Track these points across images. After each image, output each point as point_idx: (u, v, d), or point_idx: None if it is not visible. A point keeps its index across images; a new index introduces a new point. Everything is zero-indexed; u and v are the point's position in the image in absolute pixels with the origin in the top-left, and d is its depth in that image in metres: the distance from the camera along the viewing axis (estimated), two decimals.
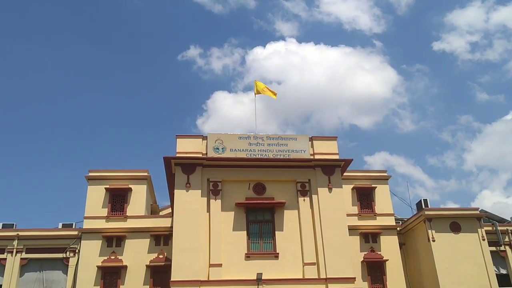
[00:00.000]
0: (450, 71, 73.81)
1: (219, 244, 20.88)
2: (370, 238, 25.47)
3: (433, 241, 24.39)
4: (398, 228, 26.72)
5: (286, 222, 21.97)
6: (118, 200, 25.25)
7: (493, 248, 25.64)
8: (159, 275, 23.47)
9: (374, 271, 24.70)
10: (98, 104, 67.26)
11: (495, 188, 69.79)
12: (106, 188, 25.16)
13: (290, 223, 21.94)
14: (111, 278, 23.42)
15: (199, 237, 20.77)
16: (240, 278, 20.21)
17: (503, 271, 25.87)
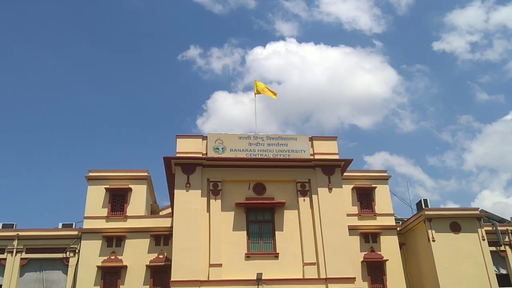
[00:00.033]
0: (450, 71, 73.93)
1: (219, 244, 20.88)
2: (370, 238, 25.46)
3: (433, 241, 24.39)
4: (398, 228, 26.72)
5: (286, 222, 21.97)
6: (118, 200, 25.24)
7: (493, 248, 25.64)
8: (159, 275, 23.47)
9: (374, 271, 24.70)
10: (98, 104, 67.38)
11: (495, 188, 69.88)
12: (106, 188, 25.16)
13: (290, 223, 21.93)
14: (111, 278, 23.42)
15: (199, 237, 20.76)
16: (240, 278, 20.20)
17: (503, 271, 25.87)
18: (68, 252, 24.46)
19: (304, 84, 67.22)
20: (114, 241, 24.16)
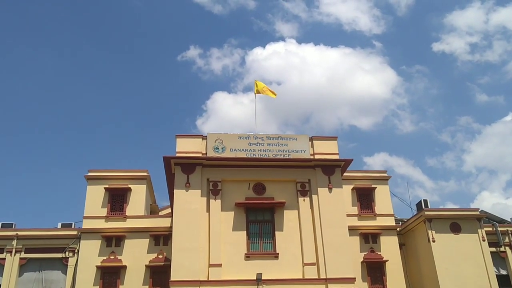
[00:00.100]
0: (450, 72, 73.92)
1: (219, 244, 20.83)
2: (370, 239, 25.42)
3: (433, 241, 24.35)
4: (398, 229, 26.67)
5: (286, 222, 21.92)
6: (117, 200, 25.18)
7: (493, 248, 25.62)
8: (159, 275, 23.39)
9: (374, 271, 24.66)
10: (98, 104, 67.29)
11: (494, 189, 69.90)
12: (105, 188, 25.10)
13: (290, 223, 21.89)
14: (110, 278, 23.34)
15: (198, 237, 20.71)
16: (240, 278, 20.15)
17: (503, 272, 25.84)
18: (67, 252, 24.41)
19: (303, 85, 67.28)
20: (113, 241, 24.10)
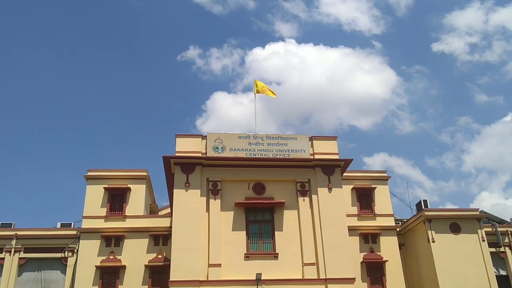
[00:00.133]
0: (449, 72, 73.92)
1: (219, 244, 20.79)
2: (369, 239, 25.41)
3: (433, 242, 24.33)
4: (398, 229, 26.65)
5: (285, 222, 21.88)
6: (117, 200, 25.16)
7: (493, 249, 25.63)
8: (158, 275, 23.36)
9: (374, 271, 24.64)
10: (98, 104, 67.21)
11: (494, 189, 69.88)
12: (105, 188, 25.07)
13: (289, 223, 21.85)
14: (109, 278, 23.32)
15: (198, 237, 20.67)
16: (240, 278, 20.11)
17: (502, 272, 25.83)
18: (66, 252, 24.39)
19: (303, 85, 67.26)
20: (112, 240, 24.07)
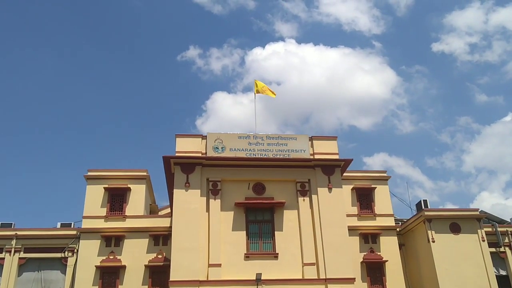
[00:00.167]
0: (449, 72, 73.92)
1: (219, 244, 20.79)
2: (369, 239, 25.40)
3: (433, 242, 24.33)
4: (398, 229, 26.65)
5: (285, 222, 21.88)
6: (117, 200, 25.16)
7: (493, 249, 25.63)
8: (158, 275, 23.36)
9: (374, 272, 24.63)
10: (98, 104, 67.21)
11: (494, 189, 69.87)
12: (105, 188, 25.07)
13: (289, 223, 21.84)
14: (109, 278, 23.31)
15: (198, 237, 20.67)
16: (240, 278, 20.11)
17: (502, 272, 25.83)
18: (66, 252, 24.38)
19: (303, 85, 67.27)
20: (112, 240, 24.07)
